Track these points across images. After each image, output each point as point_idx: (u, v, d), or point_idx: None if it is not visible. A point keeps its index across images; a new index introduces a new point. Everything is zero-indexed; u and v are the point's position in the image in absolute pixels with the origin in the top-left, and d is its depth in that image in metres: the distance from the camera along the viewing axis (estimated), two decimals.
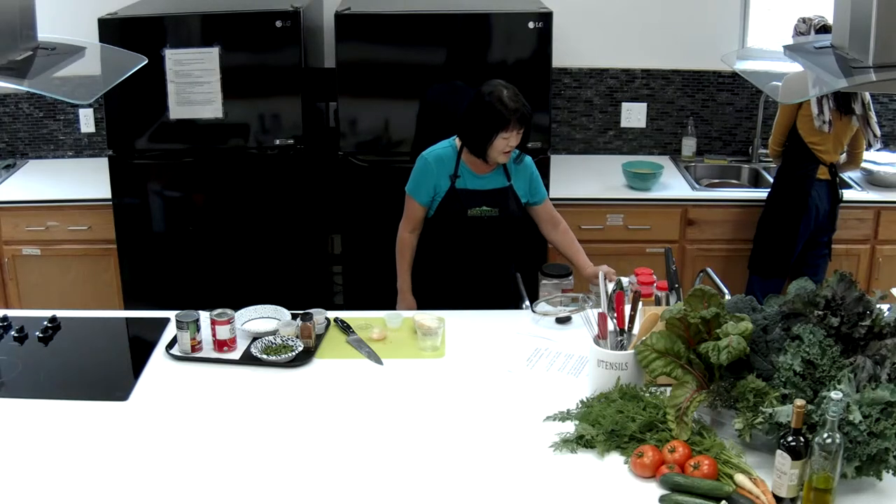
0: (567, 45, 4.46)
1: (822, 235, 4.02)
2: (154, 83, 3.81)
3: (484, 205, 3.09)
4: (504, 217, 3.12)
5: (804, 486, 2.00)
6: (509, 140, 2.96)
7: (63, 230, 4.17)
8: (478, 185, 3.10)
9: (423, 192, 3.11)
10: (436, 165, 3.09)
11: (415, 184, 3.12)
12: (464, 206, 3.09)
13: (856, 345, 2.20)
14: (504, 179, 3.12)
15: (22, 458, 2.23)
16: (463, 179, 3.09)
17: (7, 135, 4.66)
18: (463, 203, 3.09)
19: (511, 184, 3.13)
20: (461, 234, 3.13)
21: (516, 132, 2.96)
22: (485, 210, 3.10)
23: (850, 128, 3.87)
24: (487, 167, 3.09)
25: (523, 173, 3.15)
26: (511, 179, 3.13)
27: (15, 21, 2.19)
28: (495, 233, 3.13)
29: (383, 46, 3.88)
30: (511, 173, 3.13)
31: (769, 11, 4.52)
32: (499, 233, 3.14)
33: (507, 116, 2.91)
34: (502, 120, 2.92)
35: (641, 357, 2.32)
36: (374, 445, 2.29)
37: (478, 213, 3.10)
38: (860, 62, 2.06)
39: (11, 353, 2.76)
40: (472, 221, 3.10)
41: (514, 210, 3.14)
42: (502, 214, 3.12)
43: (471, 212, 3.10)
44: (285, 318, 2.87)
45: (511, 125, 2.93)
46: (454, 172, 3.09)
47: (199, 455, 2.25)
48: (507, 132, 2.94)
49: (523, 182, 3.16)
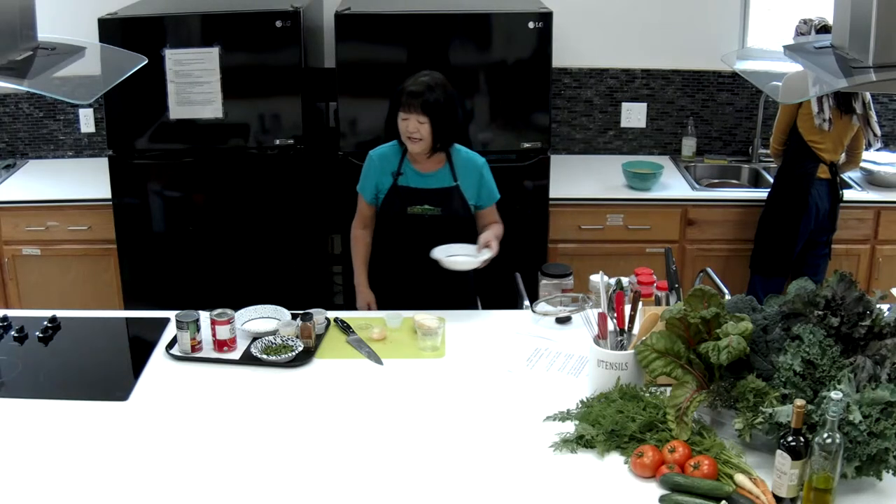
0: (567, 45, 4.46)
1: (822, 235, 4.02)
2: (154, 83, 3.81)
3: (426, 203, 3.08)
4: (447, 216, 3.09)
5: (804, 486, 2.00)
6: (408, 124, 2.96)
7: (63, 230, 4.17)
8: (421, 184, 3.09)
9: (368, 188, 3.15)
10: (379, 162, 3.13)
11: (361, 180, 3.17)
12: (404, 203, 3.09)
13: (856, 345, 2.20)
14: (450, 179, 3.10)
15: (22, 458, 2.23)
16: (406, 177, 3.09)
17: (7, 135, 4.66)
18: (403, 201, 3.09)
19: (458, 184, 3.09)
20: (402, 232, 3.13)
21: (416, 117, 2.95)
22: (427, 209, 3.08)
23: (850, 127, 3.87)
24: (432, 165, 3.08)
25: (472, 175, 3.11)
26: (458, 180, 3.10)
27: (15, 21, 2.19)
28: (437, 232, 3.08)
29: (383, 46, 3.88)
30: (458, 173, 3.10)
31: (769, 11, 4.52)
32: (441, 232, 3.08)
33: (401, 97, 2.96)
34: (397, 100, 2.98)
35: (641, 357, 2.32)
36: (374, 445, 2.29)
37: (419, 211, 3.08)
38: (860, 62, 2.06)
39: (11, 353, 2.76)
40: (412, 219, 3.10)
41: (459, 210, 3.11)
42: (445, 214, 3.09)
43: (411, 209, 3.09)
44: (285, 318, 2.87)
45: (405, 107, 2.95)
46: (397, 170, 3.09)
47: (200, 455, 2.25)
48: (404, 113, 2.96)
49: (471, 184, 3.11)
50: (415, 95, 2.95)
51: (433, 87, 2.97)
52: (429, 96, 2.95)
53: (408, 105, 2.96)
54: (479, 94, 3.94)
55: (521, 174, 4.02)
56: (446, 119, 3.00)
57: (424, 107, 2.94)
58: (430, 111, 2.95)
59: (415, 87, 2.96)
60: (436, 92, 2.97)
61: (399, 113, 2.99)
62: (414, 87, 2.97)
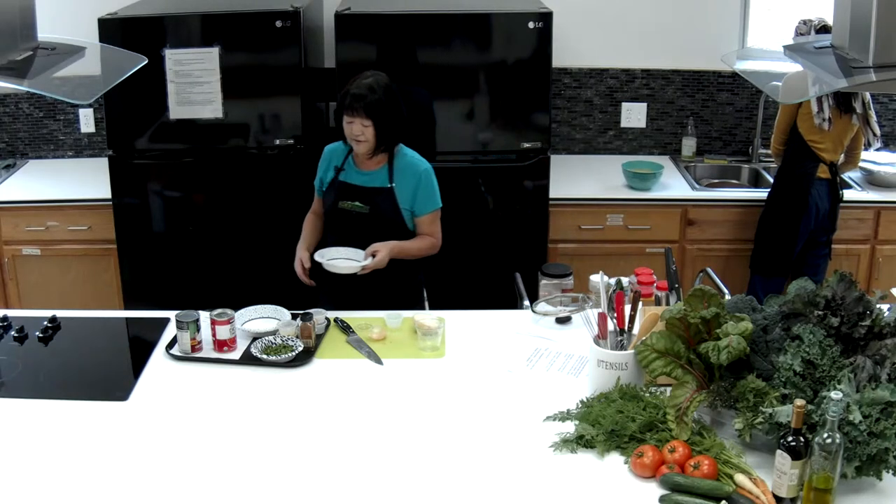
0: (567, 45, 4.46)
1: (822, 235, 4.02)
2: (154, 83, 3.81)
3: (357, 200, 3.08)
4: (373, 216, 3.07)
5: (804, 486, 2.00)
6: (353, 127, 2.96)
7: (63, 230, 4.17)
8: (358, 181, 3.10)
9: (317, 181, 3.22)
10: (328, 156, 3.18)
11: (318, 171, 3.23)
12: (338, 198, 3.12)
13: (856, 345, 2.20)
14: (386, 180, 3.07)
15: (22, 458, 2.23)
16: (346, 173, 3.12)
17: (7, 135, 4.66)
18: (338, 195, 3.12)
19: (392, 186, 3.07)
20: (332, 225, 3.17)
21: (360, 121, 2.95)
22: (356, 205, 3.08)
23: (850, 126, 3.87)
24: (372, 164, 3.08)
25: (410, 179, 3.08)
26: (394, 182, 3.07)
27: (15, 21, 2.19)
28: (362, 229, 3.07)
29: (383, 46, 3.88)
30: (395, 176, 3.08)
31: (769, 11, 4.52)
32: (366, 230, 3.07)
33: (345, 100, 2.96)
34: (341, 102, 2.98)
35: (641, 357, 2.32)
36: (374, 445, 2.29)
37: (348, 206, 3.09)
38: (860, 62, 2.06)
39: (11, 353, 2.76)
40: (340, 214, 3.12)
41: (387, 211, 3.07)
42: (371, 213, 3.07)
43: (341, 204, 3.10)
44: (285, 318, 2.87)
45: (349, 110, 2.95)
46: (341, 165, 3.13)
47: (200, 455, 2.25)
48: (349, 116, 2.96)
49: (408, 189, 3.08)
50: (358, 98, 2.94)
51: (376, 89, 2.96)
52: (371, 98, 2.94)
53: (352, 108, 2.94)
54: (479, 94, 3.94)
55: (521, 174, 4.02)
56: (390, 120, 2.99)
57: (368, 109, 2.93)
58: (374, 113, 2.94)
59: (358, 90, 2.95)
60: (378, 93, 2.95)
61: (344, 116, 2.98)
62: (357, 89, 2.95)
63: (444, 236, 3.21)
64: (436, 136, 3.98)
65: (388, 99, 2.99)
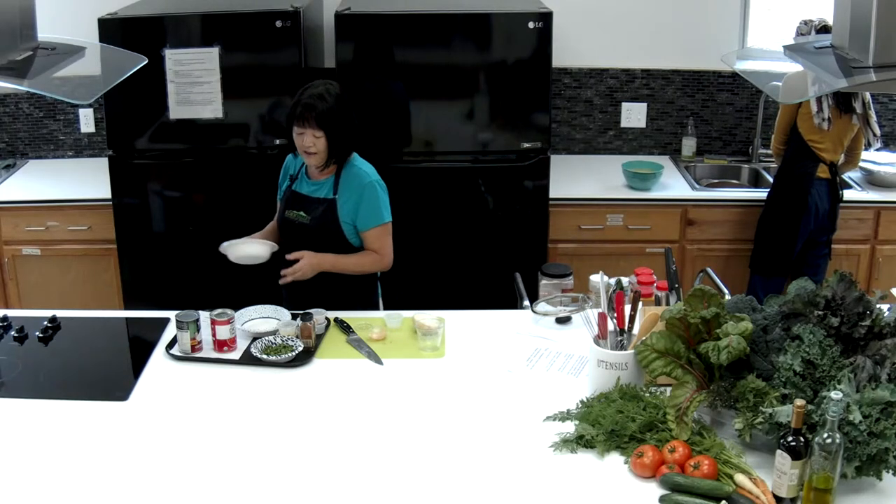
0: (567, 45, 4.46)
1: (822, 235, 4.02)
2: (154, 83, 3.81)
3: (302, 210, 3.05)
4: (314, 227, 3.02)
5: (804, 486, 2.00)
6: (304, 138, 2.90)
7: (63, 230, 4.17)
8: (307, 191, 3.06)
9: (280, 185, 3.20)
10: (288, 165, 3.17)
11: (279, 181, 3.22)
12: (287, 206, 3.10)
13: (856, 345, 2.20)
14: (331, 191, 3.02)
15: (22, 458, 2.23)
16: (299, 182, 3.09)
17: (7, 135, 4.66)
18: (286, 204, 3.10)
19: (335, 198, 3.00)
20: (282, 235, 3.14)
21: (311, 132, 2.88)
22: (300, 215, 3.05)
23: (850, 126, 3.87)
24: (320, 174, 3.04)
25: (353, 193, 3.00)
26: (337, 194, 3.01)
27: (15, 21, 2.19)
28: (305, 240, 3.02)
29: (383, 46, 3.88)
30: (340, 188, 3.01)
31: (769, 11, 4.52)
32: (308, 241, 3.01)
33: (295, 109, 2.90)
34: (291, 112, 2.92)
35: (641, 357, 2.32)
36: (374, 445, 2.29)
37: (293, 216, 3.07)
38: (860, 62, 2.06)
39: (11, 353, 2.76)
40: (287, 224, 3.09)
41: (327, 223, 3.01)
42: (312, 223, 3.03)
43: (287, 213, 3.08)
44: (285, 318, 2.87)
45: (300, 120, 2.88)
46: (296, 174, 3.11)
47: (200, 455, 2.25)
48: (299, 127, 2.89)
49: (350, 202, 3.00)
50: (309, 108, 2.87)
51: (327, 98, 2.89)
52: (322, 107, 2.87)
53: (302, 118, 2.88)
54: (479, 94, 3.94)
55: (521, 174, 4.02)
56: (342, 130, 2.93)
57: (319, 119, 2.87)
58: (325, 124, 2.88)
59: (308, 100, 2.88)
60: (329, 102, 2.89)
61: (294, 126, 2.91)
62: (308, 99, 2.88)
63: (445, 236, 3.21)
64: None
65: (340, 108, 2.92)
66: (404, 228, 4.06)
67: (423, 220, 4.04)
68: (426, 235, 4.05)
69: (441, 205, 4.03)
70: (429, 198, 4.03)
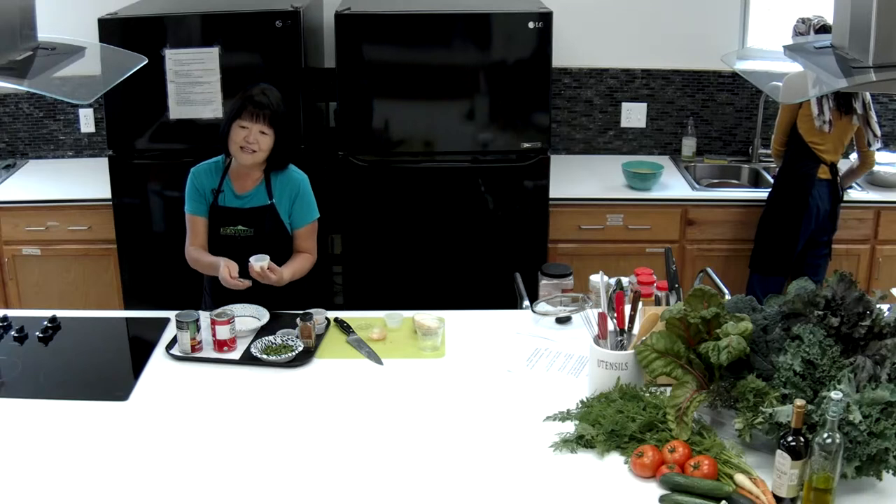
0: (567, 45, 4.46)
1: (822, 235, 4.02)
2: (154, 83, 3.81)
3: (240, 224, 2.95)
4: (258, 237, 2.94)
5: (804, 486, 2.00)
6: (249, 134, 2.82)
7: (63, 230, 4.17)
8: (237, 204, 2.96)
9: (197, 204, 2.98)
10: (203, 177, 2.99)
11: (188, 201, 3.00)
12: (218, 224, 2.97)
13: (856, 345, 2.20)
14: (266, 197, 2.95)
15: (22, 458, 2.23)
16: (224, 196, 2.97)
17: (7, 135, 4.66)
18: (218, 221, 2.97)
19: (272, 202, 2.94)
20: (217, 254, 2.95)
21: (259, 127, 2.83)
22: (240, 230, 2.94)
23: (850, 127, 3.87)
24: (249, 184, 2.95)
25: (289, 192, 2.96)
26: (273, 198, 2.95)
27: (15, 21, 2.19)
28: (249, 253, 2.86)
29: (383, 46, 3.88)
30: (274, 191, 2.95)
31: (769, 11, 4.52)
32: (252, 253, 2.86)
33: (244, 102, 2.83)
34: (240, 105, 2.84)
35: (641, 357, 2.32)
36: (374, 445, 2.29)
37: (231, 231, 2.95)
38: (860, 62, 2.06)
39: (11, 353, 2.76)
40: (224, 240, 2.96)
41: (272, 231, 2.96)
42: (256, 235, 2.94)
43: (223, 230, 2.96)
44: (265, 317, 2.86)
45: (248, 115, 2.82)
46: (217, 188, 2.97)
47: (200, 455, 2.25)
48: (243, 120, 2.82)
49: (286, 201, 2.96)
50: (263, 106, 2.83)
51: (278, 104, 2.87)
52: (278, 108, 2.86)
53: (253, 114, 2.82)
54: (479, 94, 3.94)
55: (521, 174, 4.02)
56: (288, 136, 2.90)
57: (273, 118, 2.84)
58: (278, 124, 2.86)
59: (262, 98, 2.84)
60: (281, 106, 2.88)
61: (237, 120, 2.84)
62: (260, 97, 2.84)
63: (445, 236, 3.21)
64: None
65: (289, 114, 2.91)
66: (404, 228, 4.07)
67: (423, 221, 4.04)
68: (426, 235, 4.05)
69: (441, 205, 4.03)
70: (429, 198, 4.03)
